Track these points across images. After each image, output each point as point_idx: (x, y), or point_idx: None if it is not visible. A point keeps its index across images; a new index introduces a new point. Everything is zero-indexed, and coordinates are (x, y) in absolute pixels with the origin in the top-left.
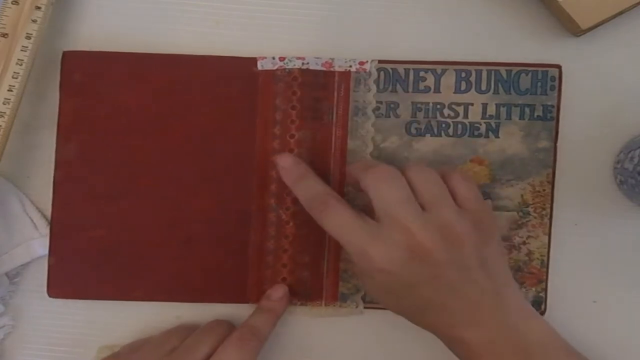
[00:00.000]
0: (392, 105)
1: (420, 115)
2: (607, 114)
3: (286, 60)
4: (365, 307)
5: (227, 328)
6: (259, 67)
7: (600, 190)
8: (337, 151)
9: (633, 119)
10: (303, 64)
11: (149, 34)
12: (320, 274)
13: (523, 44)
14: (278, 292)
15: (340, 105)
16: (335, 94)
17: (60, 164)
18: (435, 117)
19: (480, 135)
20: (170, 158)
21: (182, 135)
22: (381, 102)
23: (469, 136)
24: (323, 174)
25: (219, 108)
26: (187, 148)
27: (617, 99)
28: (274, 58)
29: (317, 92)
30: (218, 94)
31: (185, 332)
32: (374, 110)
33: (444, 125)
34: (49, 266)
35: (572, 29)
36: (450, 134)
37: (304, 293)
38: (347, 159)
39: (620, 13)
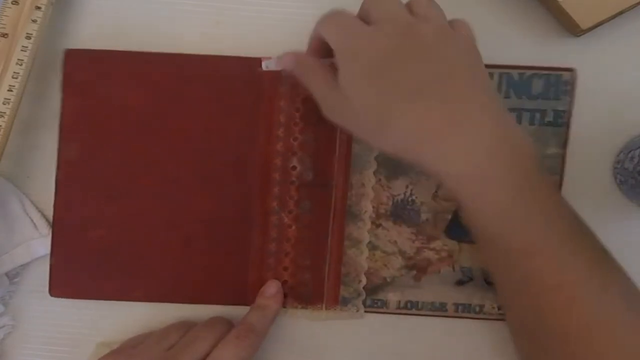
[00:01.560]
0: None
1: None
2: (607, 114)
3: None
4: (366, 311)
5: (226, 325)
6: (264, 68)
7: (600, 190)
8: (341, 155)
9: (633, 119)
10: None
11: (149, 34)
12: (322, 278)
13: (523, 44)
14: (271, 288)
15: None
16: None
17: (62, 163)
18: None
19: None
20: (171, 158)
21: (183, 135)
22: None
23: None
24: (325, 178)
25: (221, 109)
26: (188, 148)
27: (617, 99)
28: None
29: None
30: (221, 94)
31: (185, 328)
32: None
33: None
34: (51, 266)
35: (572, 29)
36: None
37: (305, 296)
38: (352, 163)
39: (620, 13)
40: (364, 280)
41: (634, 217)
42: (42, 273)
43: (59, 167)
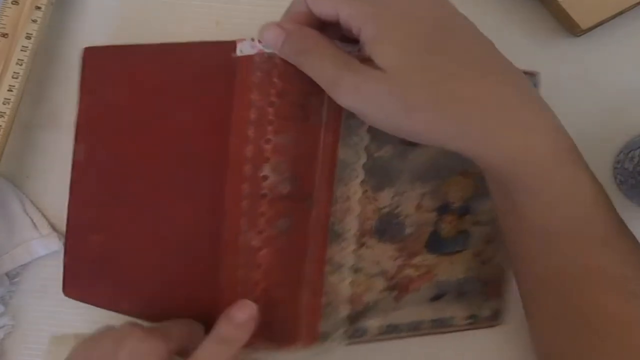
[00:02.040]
0: None
1: None
2: (607, 114)
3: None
4: (349, 344)
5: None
6: (238, 53)
7: None
8: (325, 162)
9: (633, 119)
10: None
11: (149, 35)
12: (298, 313)
13: (523, 44)
14: (243, 313)
15: (333, 102)
16: None
17: (74, 163)
18: None
19: None
20: (154, 163)
21: (165, 137)
22: None
23: None
24: (306, 190)
25: (196, 105)
26: (165, 153)
27: (617, 99)
28: (253, 40)
29: (304, 84)
30: (195, 88)
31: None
32: None
33: None
34: (64, 265)
35: (572, 29)
36: None
37: (278, 336)
38: (337, 172)
39: (620, 13)
40: (346, 310)
41: (634, 217)
42: (42, 273)
43: (72, 167)
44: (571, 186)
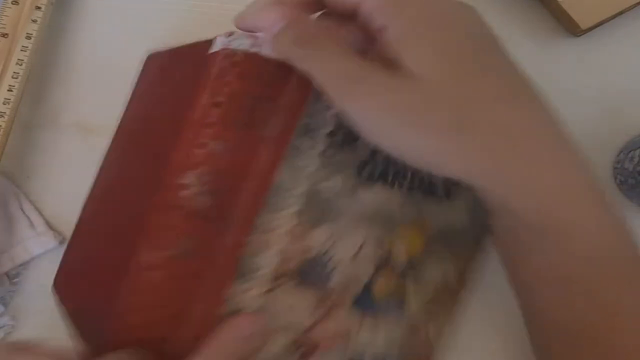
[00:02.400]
0: (353, 135)
1: (380, 156)
2: (607, 114)
3: (233, 37)
4: None
5: None
6: (213, 49)
7: None
8: (258, 181)
9: (633, 119)
10: (253, 45)
11: (147, 35)
12: (181, 346)
13: (523, 43)
14: (250, 325)
15: (288, 113)
16: (288, 96)
17: (104, 156)
18: (397, 163)
19: (433, 193)
20: (131, 166)
21: (146, 140)
22: (342, 126)
23: (423, 193)
24: (223, 209)
25: (175, 106)
26: (142, 156)
27: (617, 99)
28: (226, 33)
29: (261, 86)
30: (180, 89)
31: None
32: (329, 134)
33: (401, 174)
34: (62, 257)
35: (572, 29)
36: (404, 187)
37: None
38: (268, 195)
39: (620, 13)
40: None
41: (634, 217)
42: (42, 273)
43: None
44: (597, 228)
